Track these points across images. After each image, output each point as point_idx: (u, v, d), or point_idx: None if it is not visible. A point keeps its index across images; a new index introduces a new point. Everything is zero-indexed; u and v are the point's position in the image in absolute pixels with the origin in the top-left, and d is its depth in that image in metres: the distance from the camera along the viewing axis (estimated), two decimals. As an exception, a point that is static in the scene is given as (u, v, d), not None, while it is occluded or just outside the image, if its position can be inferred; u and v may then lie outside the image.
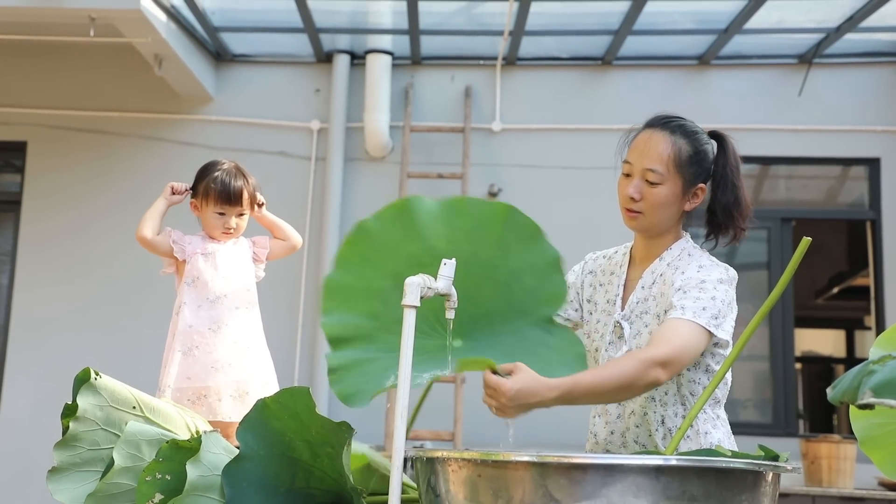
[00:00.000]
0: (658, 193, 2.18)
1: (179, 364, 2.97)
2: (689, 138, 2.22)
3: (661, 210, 2.19)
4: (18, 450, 6.24)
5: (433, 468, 1.45)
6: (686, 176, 2.19)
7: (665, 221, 2.22)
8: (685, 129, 2.24)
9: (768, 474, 1.39)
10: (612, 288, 2.30)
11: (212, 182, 3.11)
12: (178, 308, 3.07)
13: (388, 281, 2.05)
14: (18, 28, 6.30)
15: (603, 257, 2.41)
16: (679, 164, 2.18)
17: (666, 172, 2.18)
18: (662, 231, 2.24)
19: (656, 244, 2.26)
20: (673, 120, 2.25)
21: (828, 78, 6.51)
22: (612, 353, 2.22)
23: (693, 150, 2.21)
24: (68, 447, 1.47)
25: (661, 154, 2.18)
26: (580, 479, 1.31)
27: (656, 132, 2.22)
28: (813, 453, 5.36)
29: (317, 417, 1.53)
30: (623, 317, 2.22)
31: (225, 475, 1.42)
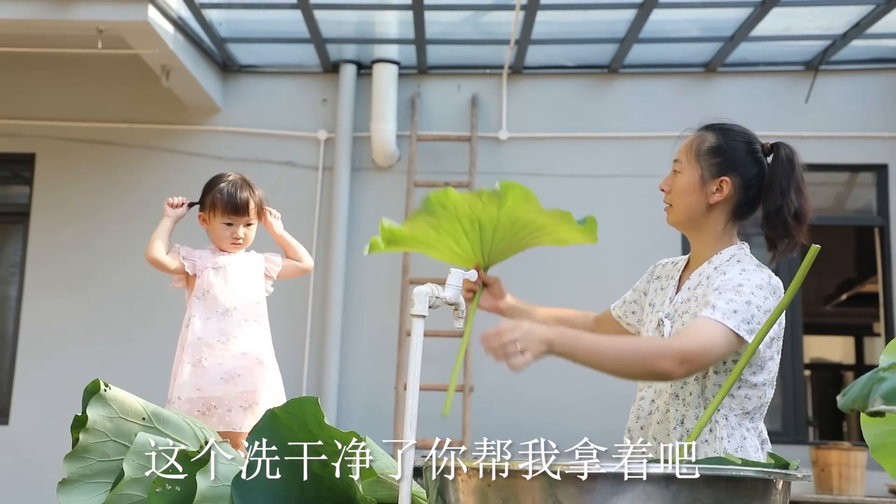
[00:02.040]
0: (678, 181, 2.26)
1: (189, 375, 2.98)
2: (720, 132, 2.28)
3: (682, 198, 2.25)
4: (28, 461, 6.25)
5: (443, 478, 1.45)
6: (704, 165, 2.24)
7: (687, 212, 2.26)
8: (721, 127, 2.30)
9: (779, 482, 1.39)
10: (668, 290, 2.35)
11: (218, 193, 3.13)
12: (187, 321, 3.08)
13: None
14: (26, 40, 6.33)
15: (671, 263, 2.45)
16: (698, 153, 2.26)
17: (685, 160, 2.27)
18: (692, 226, 2.29)
19: (697, 245, 2.31)
20: (717, 122, 2.32)
21: (834, 84, 6.51)
22: None
23: (717, 143, 2.26)
24: (78, 458, 1.48)
25: (687, 145, 2.29)
26: (590, 488, 1.31)
27: (697, 131, 2.33)
28: (823, 461, 5.34)
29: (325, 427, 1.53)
30: (666, 314, 2.25)
31: (235, 486, 1.42)
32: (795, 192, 2.22)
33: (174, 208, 3.21)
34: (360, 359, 6.35)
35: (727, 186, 2.24)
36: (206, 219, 3.18)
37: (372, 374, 6.30)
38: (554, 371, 6.15)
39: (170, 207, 3.21)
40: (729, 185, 2.24)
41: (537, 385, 6.11)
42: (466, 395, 5.89)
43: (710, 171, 2.24)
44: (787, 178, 2.23)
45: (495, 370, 6.17)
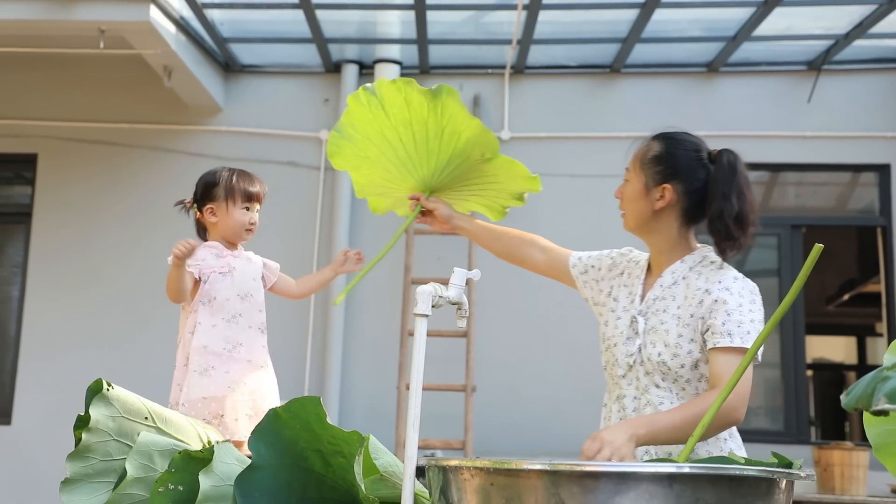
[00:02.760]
0: (627, 189, 2.41)
1: (196, 384, 2.97)
2: (665, 141, 2.40)
3: (631, 205, 2.39)
4: (30, 461, 6.25)
5: (445, 477, 1.45)
6: (648, 172, 2.36)
7: (636, 218, 2.39)
8: (668, 136, 2.41)
9: (782, 482, 1.39)
10: (634, 288, 2.42)
11: (230, 180, 3.14)
12: (192, 327, 3.06)
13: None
14: (28, 41, 6.34)
15: (635, 262, 2.51)
16: (643, 161, 2.38)
17: (632, 169, 2.40)
18: (644, 231, 2.40)
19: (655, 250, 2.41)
20: (665, 131, 2.43)
21: (837, 84, 6.50)
22: (629, 348, 2.32)
23: (661, 151, 2.37)
24: (81, 458, 1.47)
25: (634, 156, 2.43)
26: (593, 487, 1.31)
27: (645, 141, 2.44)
28: (825, 460, 5.34)
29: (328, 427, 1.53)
30: (639, 311, 2.34)
31: (237, 485, 1.42)
32: (737, 197, 2.30)
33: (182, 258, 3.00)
34: (362, 358, 6.35)
35: (669, 193, 2.34)
36: (214, 211, 3.16)
37: (374, 373, 6.31)
38: (555, 371, 6.15)
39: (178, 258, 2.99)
40: (671, 191, 2.34)
41: (539, 385, 6.11)
42: (468, 394, 5.89)
43: (654, 178, 2.35)
44: (728, 183, 2.30)
45: (496, 370, 6.19)
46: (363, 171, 2.84)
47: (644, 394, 2.29)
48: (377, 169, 2.80)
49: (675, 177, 2.34)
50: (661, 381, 2.27)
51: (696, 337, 2.24)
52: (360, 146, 2.75)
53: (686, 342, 2.25)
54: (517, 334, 6.24)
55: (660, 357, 2.25)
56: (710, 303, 2.22)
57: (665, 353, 2.25)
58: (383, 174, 2.81)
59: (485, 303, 6.18)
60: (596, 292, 2.51)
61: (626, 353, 2.32)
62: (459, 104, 2.61)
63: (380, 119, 2.67)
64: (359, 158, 2.79)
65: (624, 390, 2.33)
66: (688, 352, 2.24)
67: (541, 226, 6.47)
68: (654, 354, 2.26)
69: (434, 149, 2.68)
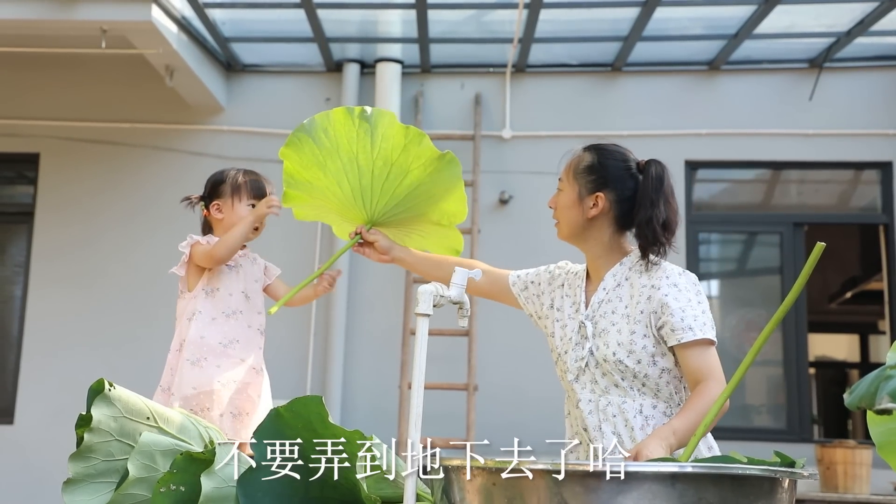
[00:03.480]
0: (560, 199, 2.50)
1: (187, 374, 2.97)
2: (596, 152, 2.49)
3: (564, 214, 2.48)
4: (32, 460, 6.26)
5: (448, 477, 1.45)
6: (581, 182, 2.46)
7: (571, 226, 2.47)
8: (599, 147, 2.51)
9: (785, 481, 1.39)
10: (577, 297, 2.50)
11: (239, 178, 3.13)
12: (190, 314, 3.04)
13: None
14: (31, 41, 6.34)
15: (574, 273, 2.59)
16: (575, 172, 2.48)
17: (565, 179, 2.50)
18: (579, 239, 2.49)
19: (592, 255, 2.49)
20: (596, 143, 2.53)
21: (839, 82, 6.49)
22: (579, 353, 2.39)
23: (593, 162, 2.47)
24: (83, 458, 1.48)
25: (566, 166, 2.52)
26: (595, 486, 1.30)
27: (577, 152, 2.54)
28: (828, 459, 5.33)
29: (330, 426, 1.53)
30: (586, 317, 2.42)
31: (240, 486, 1.42)
32: (664, 205, 2.41)
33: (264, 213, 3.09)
34: (363, 358, 6.35)
35: (602, 201, 2.43)
36: (221, 207, 3.15)
37: (376, 373, 6.31)
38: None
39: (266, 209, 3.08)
40: (604, 199, 2.43)
41: (541, 384, 6.10)
42: (470, 393, 5.89)
43: (587, 187, 2.45)
44: (656, 192, 2.41)
45: (499, 369, 6.19)
46: (307, 190, 2.89)
47: (604, 395, 2.35)
48: (323, 194, 2.85)
49: (607, 186, 2.44)
50: (621, 380, 2.33)
51: (649, 332, 2.32)
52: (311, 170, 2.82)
53: (640, 338, 2.32)
54: (519, 333, 6.23)
55: (615, 356, 2.32)
56: (661, 298, 2.31)
57: (620, 352, 2.32)
58: (327, 200, 2.86)
59: (486, 302, 6.17)
60: (538, 306, 2.60)
61: (576, 357, 2.39)
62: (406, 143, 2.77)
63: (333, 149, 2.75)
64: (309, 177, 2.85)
65: (579, 395, 2.39)
66: (642, 347, 2.31)
67: (541, 224, 6.47)
68: (609, 355, 2.33)
69: (379, 185, 2.75)
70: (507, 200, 6.42)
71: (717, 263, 7.04)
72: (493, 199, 6.45)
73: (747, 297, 6.77)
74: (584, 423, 2.38)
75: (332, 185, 2.78)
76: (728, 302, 6.72)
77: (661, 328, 2.30)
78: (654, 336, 2.31)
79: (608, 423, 2.33)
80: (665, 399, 2.33)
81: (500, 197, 6.43)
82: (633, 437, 2.29)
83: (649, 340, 2.31)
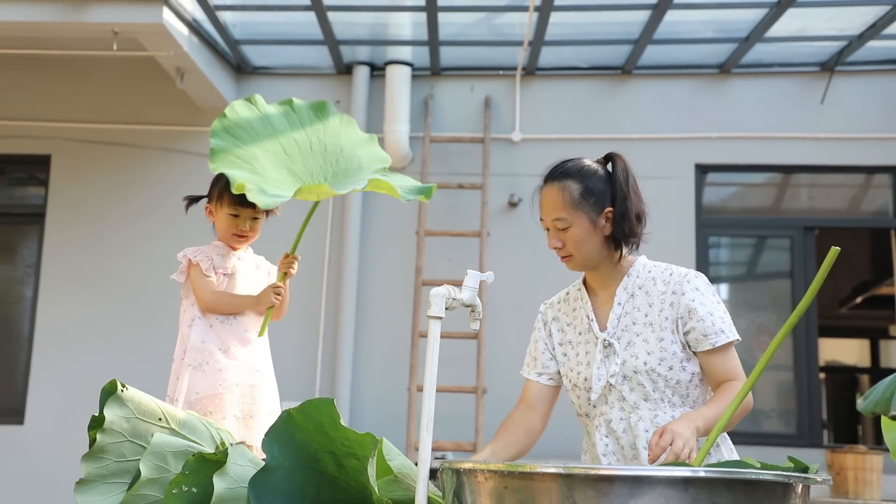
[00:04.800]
0: (572, 235, 2.38)
1: (189, 379, 2.97)
2: (574, 177, 2.42)
3: (583, 246, 2.39)
4: (42, 460, 6.28)
5: (459, 479, 1.44)
6: (586, 210, 2.38)
7: (593, 253, 2.40)
8: (568, 171, 2.43)
9: (798, 486, 1.38)
10: (581, 321, 2.47)
11: (225, 184, 3.09)
12: (190, 321, 3.05)
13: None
14: (42, 43, 6.37)
15: (558, 302, 2.59)
16: (574, 203, 2.38)
17: (568, 215, 2.38)
18: (599, 261, 2.42)
19: (605, 271, 2.44)
20: (557, 168, 2.45)
21: (850, 86, 6.47)
22: (604, 371, 2.35)
23: (582, 187, 2.40)
24: (95, 459, 1.48)
25: (556, 203, 2.39)
26: (607, 490, 1.30)
27: (546, 187, 2.44)
28: (839, 464, 5.31)
29: (341, 429, 1.53)
30: (609, 334, 2.38)
31: (251, 487, 1.42)
32: (635, 196, 2.41)
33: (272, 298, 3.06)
34: (373, 360, 6.35)
35: (611, 215, 2.40)
36: (212, 211, 3.15)
37: (385, 375, 6.31)
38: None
39: (274, 297, 3.05)
40: (613, 212, 2.40)
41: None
42: (479, 396, 5.89)
43: (594, 211, 2.38)
44: (626, 183, 2.41)
45: (508, 372, 6.17)
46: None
47: (634, 411, 2.32)
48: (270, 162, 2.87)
49: (605, 198, 2.40)
50: (652, 391, 2.31)
51: (676, 338, 2.31)
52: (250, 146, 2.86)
53: (669, 344, 2.31)
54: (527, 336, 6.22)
55: (647, 366, 2.30)
56: (687, 304, 2.31)
57: (651, 360, 2.30)
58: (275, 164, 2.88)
59: (496, 305, 6.18)
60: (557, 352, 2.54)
61: (600, 376, 2.35)
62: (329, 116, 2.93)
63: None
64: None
65: (609, 415, 2.35)
66: (672, 353, 2.30)
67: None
68: (640, 365, 2.30)
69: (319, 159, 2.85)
70: (516, 203, 6.42)
71: (728, 267, 7.02)
72: (502, 202, 6.45)
73: (757, 301, 6.75)
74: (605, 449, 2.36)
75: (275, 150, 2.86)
76: (738, 306, 6.70)
77: (689, 333, 2.31)
78: (681, 342, 2.31)
79: (640, 439, 2.30)
80: (691, 405, 2.33)
81: (510, 200, 6.43)
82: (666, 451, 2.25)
83: (677, 346, 2.30)
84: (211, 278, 3.06)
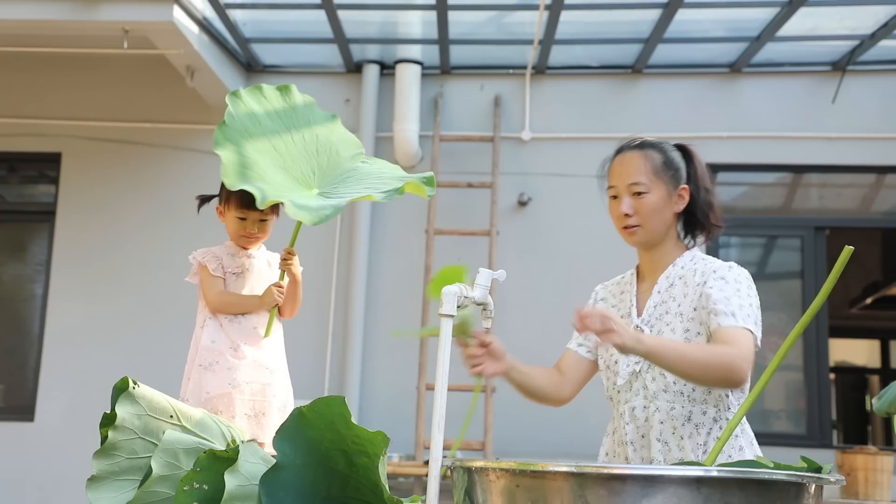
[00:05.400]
0: (648, 202, 2.36)
1: (199, 378, 2.98)
2: (656, 149, 2.42)
3: (655, 216, 2.36)
4: (53, 457, 6.30)
5: (471, 478, 1.44)
6: (666, 179, 2.38)
7: (660, 227, 2.38)
8: (650, 143, 2.44)
9: (811, 486, 1.37)
10: (624, 305, 2.46)
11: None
12: (202, 322, 3.08)
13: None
14: (53, 41, 6.39)
15: (612, 284, 2.57)
16: (657, 171, 2.37)
17: (649, 181, 2.36)
18: (661, 238, 2.40)
19: (659, 254, 2.42)
20: (637, 140, 2.45)
21: (862, 85, 6.45)
22: (634, 357, 2.33)
23: (664, 158, 2.40)
24: (107, 456, 1.48)
25: (638, 167, 2.38)
26: (619, 489, 1.30)
27: (627, 153, 2.42)
28: (849, 465, 5.30)
29: (352, 427, 1.53)
30: (642, 321, 2.37)
31: (263, 485, 1.42)
32: (709, 183, 2.44)
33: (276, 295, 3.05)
34: (382, 359, 6.35)
35: (686, 193, 2.40)
36: (222, 212, 3.16)
37: (394, 374, 6.31)
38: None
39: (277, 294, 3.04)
40: (688, 191, 2.40)
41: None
42: (488, 395, 5.88)
43: (671, 183, 2.38)
44: (706, 175, 2.43)
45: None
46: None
47: (653, 401, 2.31)
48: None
49: (683, 178, 2.41)
50: (672, 383, 2.29)
51: (703, 330, 2.29)
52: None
53: (693, 336, 2.29)
54: (537, 335, 6.22)
55: None
56: (707, 292, 2.27)
57: None
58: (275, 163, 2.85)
59: (506, 303, 6.17)
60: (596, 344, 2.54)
61: (628, 362, 2.35)
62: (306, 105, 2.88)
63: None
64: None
65: (632, 402, 2.35)
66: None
67: (560, 226, 6.47)
68: None
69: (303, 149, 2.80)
70: (526, 202, 6.41)
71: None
72: (511, 201, 6.44)
73: (768, 302, 6.69)
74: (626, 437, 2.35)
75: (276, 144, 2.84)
76: (748, 306, 6.67)
77: (708, 315, 2.26)
78: (706, 334, 2.27)
79: (654, 430, 2.29)
80: (714, 403, 2.29)
81: (520, 199, 6.42)
82: (680, 446, 2.26)
83: (702, 338, 2.28)
84: (218, 279, 3.07)
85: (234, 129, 2.82)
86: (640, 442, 2.33)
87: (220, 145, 2.77)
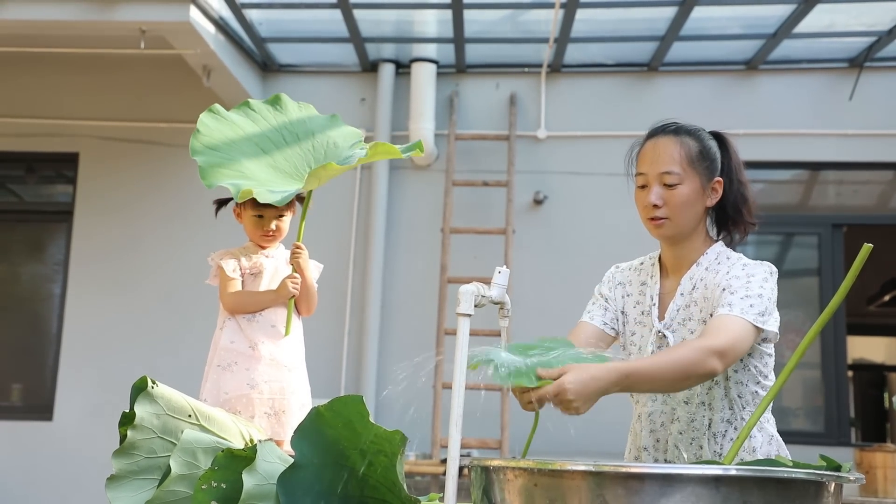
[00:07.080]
0: (679, 194, 2.17)
1: (218, 379, 3.00)
2: (693, 136, 2.23)
3: (685, 210, 2.18)
4: (71, 456, 6.33)
5: (489, 477, 1.44)
6: (700, 171, 2.19)
7: (690, 221, 2.20)
8: (686, 129, 2.25)
9: (830, 485, 1.37)
10: (644, 299, 2.30)
11: None
12: (221, 323, 3.10)
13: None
14: (70, 41, 6.42)
15: (629, 269, 2.39)
16: (692, 160, 2.18)
17: (682, 171, 2.17)
18: (689, 233, 2.22)
19: (686, 250, 2.25)
20: (672, 124, 2.26)
21: (879, 82, 6.41)
22: None
23: (700, 147, 2.22)
24: (126, 455, 1.49)
25: (672, 155, 2.18)
26: (638, 488, 1.29)
27: (661, 138, 2.23)
28: (867, 463, 5.26)
29: (370, 426, 1.53)
30: (665, 326, 2.21)
31: (280, 484, 1.42)
32: (744, 177, 2.27)
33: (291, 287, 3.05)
34: (397, 358, 6.36)
35: (720, 187, 2.23)
36: (239, 213, 3.18)
37: (410, 372, 6.31)
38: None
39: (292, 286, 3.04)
40: (722, 184, 2.23)
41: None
42: (505, 394, 5.87)
43: (706, 175, 2.20)
44: (738, 169, 2.26)
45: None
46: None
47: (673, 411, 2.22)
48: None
49: (718, 169, 2.23)
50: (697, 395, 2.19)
51: None
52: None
53: None
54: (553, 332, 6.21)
55: None
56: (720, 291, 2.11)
57: None
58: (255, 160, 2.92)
59: (521, 301, 6.16)
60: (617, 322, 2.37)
61: None
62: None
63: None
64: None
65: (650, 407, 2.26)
66: None
67: (576, 225, 6.46)
68: None
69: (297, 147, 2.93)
70: (541, 201, 6.40)
71: (754, 265, 6.97)
72: (527, 200, 6.43)
73: (785, 299, 6.67)
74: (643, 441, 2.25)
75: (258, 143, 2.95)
76: (765, 304, 6.65)
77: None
78: None
79: (672, 437, 2.20)
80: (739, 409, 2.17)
81: (535, 197, 6.41)
82: (699, 455, 2.17)
83: None
84: (234, 280, 3.08)
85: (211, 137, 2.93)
86: (654, 446, 2.25)
87: (196, 152, 2.87)
